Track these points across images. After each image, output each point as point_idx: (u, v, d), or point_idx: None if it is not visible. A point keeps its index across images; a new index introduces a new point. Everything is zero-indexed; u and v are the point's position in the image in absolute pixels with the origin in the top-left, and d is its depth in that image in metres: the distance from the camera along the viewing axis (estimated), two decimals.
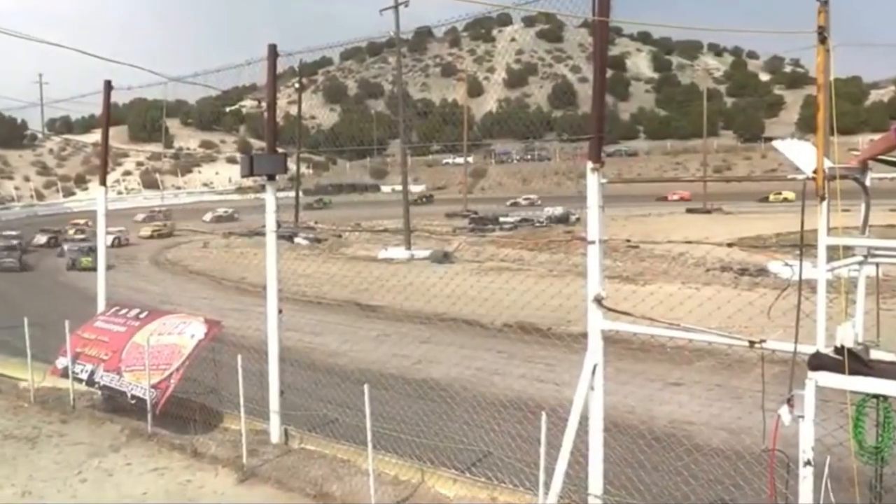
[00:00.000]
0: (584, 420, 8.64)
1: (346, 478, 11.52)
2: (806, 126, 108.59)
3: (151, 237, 63.45)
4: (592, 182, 8.38)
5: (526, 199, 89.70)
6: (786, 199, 77.02)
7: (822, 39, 6.75)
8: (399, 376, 17.76)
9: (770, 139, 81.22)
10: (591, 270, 8.48)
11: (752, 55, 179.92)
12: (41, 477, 11.79)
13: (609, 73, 9.36)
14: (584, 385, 8.55)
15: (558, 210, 67.24)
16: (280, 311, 13.23)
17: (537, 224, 64.15)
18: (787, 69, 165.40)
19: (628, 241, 33.48)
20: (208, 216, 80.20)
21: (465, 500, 10.68)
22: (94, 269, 34.09)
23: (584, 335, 8.72)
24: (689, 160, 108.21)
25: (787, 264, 7.53)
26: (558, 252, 40.65)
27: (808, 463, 6.87)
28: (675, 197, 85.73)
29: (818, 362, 6.83)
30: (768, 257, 33.48)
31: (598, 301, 8.45)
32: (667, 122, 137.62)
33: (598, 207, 8.37)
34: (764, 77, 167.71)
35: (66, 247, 49.65)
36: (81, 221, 68.62)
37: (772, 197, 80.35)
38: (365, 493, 10.65)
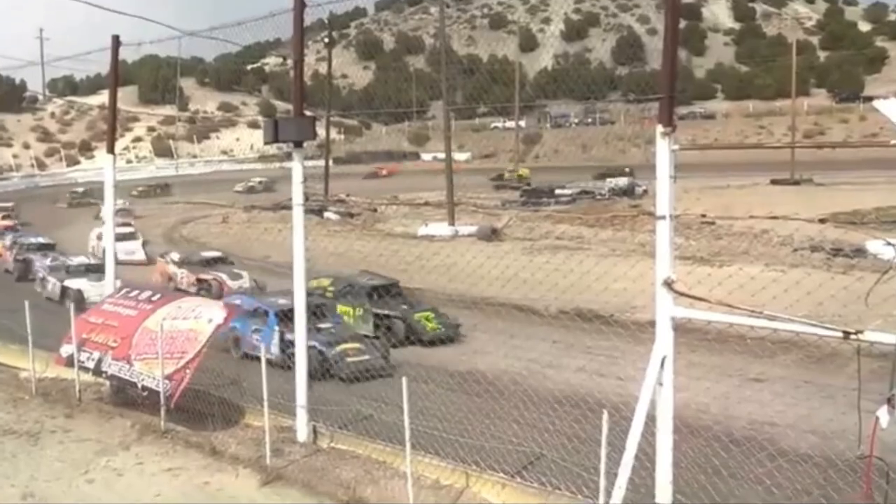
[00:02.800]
0: (650, 420, 8.61)
1: (382, 481, 11.62)
2: None
3: None
4: (663, 149, 8.30)
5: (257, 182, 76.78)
6: (520, 177, 72.34)
7: None
8: (441, 368, 17.84)
9: (870, 99, 79.59)
10: (660, 250, 8.42)
11: (850, 1, 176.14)
12: (44, 477, 12.06)
13: (682, 23, 9.25)
14: (651, 380, 8.52)
15: (622, 181, 66.70)
16: (309, 294, 13.34)
17: (598, 197, 63.73)
18: (892, 17, 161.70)
19: (703, 216, 33.11)
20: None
21: None
22: (448, 337, 21.78)
23: (652, 323, 8.68)
24: (774, 123, 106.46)
25: (888, 243, 7.40)
26: (623, 229, 40.39)
27: None
28: (384, 172, 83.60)
29: None
30: (867, 235, 32.91)
31: (669, 285, 8.39)
32: (749, 79, 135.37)
33: (668, 178, 8.30)
34: (864, 27, 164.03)
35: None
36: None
37: (507, 175, 75.18)
38: (402, 498, 10.75)
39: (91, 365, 15.35)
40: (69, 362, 15.79)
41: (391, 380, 14.96)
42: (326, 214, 52.27)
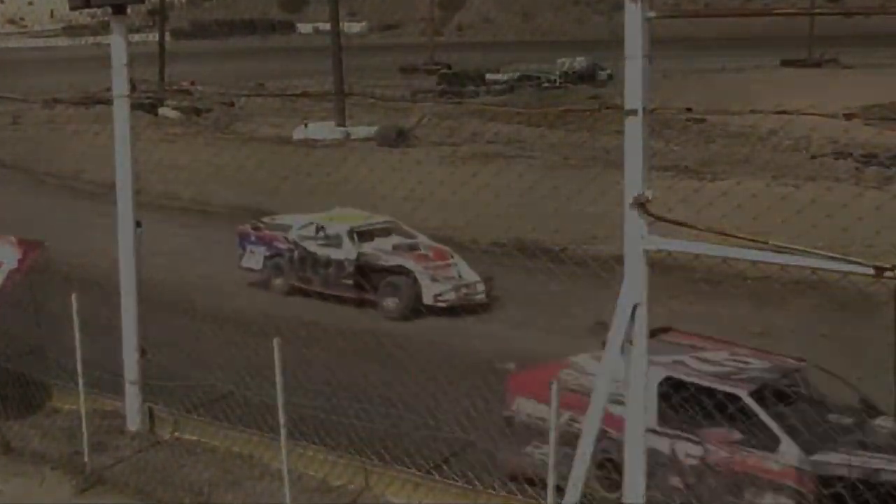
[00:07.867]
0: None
1: (248, 482, 11.66)
2: None
3: None
4: (634, 17, 8.31)
5: None
6: None
7: None
8: (329, 325, 17.84)
9: None
10: (630, 158, 8.47)
11: None
12: None
13: None
14: (617, 337, 8.62)
15: (579, 62, 66.75)
16: (139, 225, 13.19)
17: (546, 84, 63.71)
18: None
19: (689, 110, 33.43)
20: None
21: None
22: None
23: (619, 259, 8.76)
24: None
25: None
26: (579, 129, 40.58)
27: None
28: None
29: None
30: None
31: (642, 205, 8.47)
32: None
33: (642, 58, 8.32)
34: None
35: None
36: None
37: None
38: None
39: None
40: None
41: (257, 340, 14.87)
42: (162, 111, 51.53)
